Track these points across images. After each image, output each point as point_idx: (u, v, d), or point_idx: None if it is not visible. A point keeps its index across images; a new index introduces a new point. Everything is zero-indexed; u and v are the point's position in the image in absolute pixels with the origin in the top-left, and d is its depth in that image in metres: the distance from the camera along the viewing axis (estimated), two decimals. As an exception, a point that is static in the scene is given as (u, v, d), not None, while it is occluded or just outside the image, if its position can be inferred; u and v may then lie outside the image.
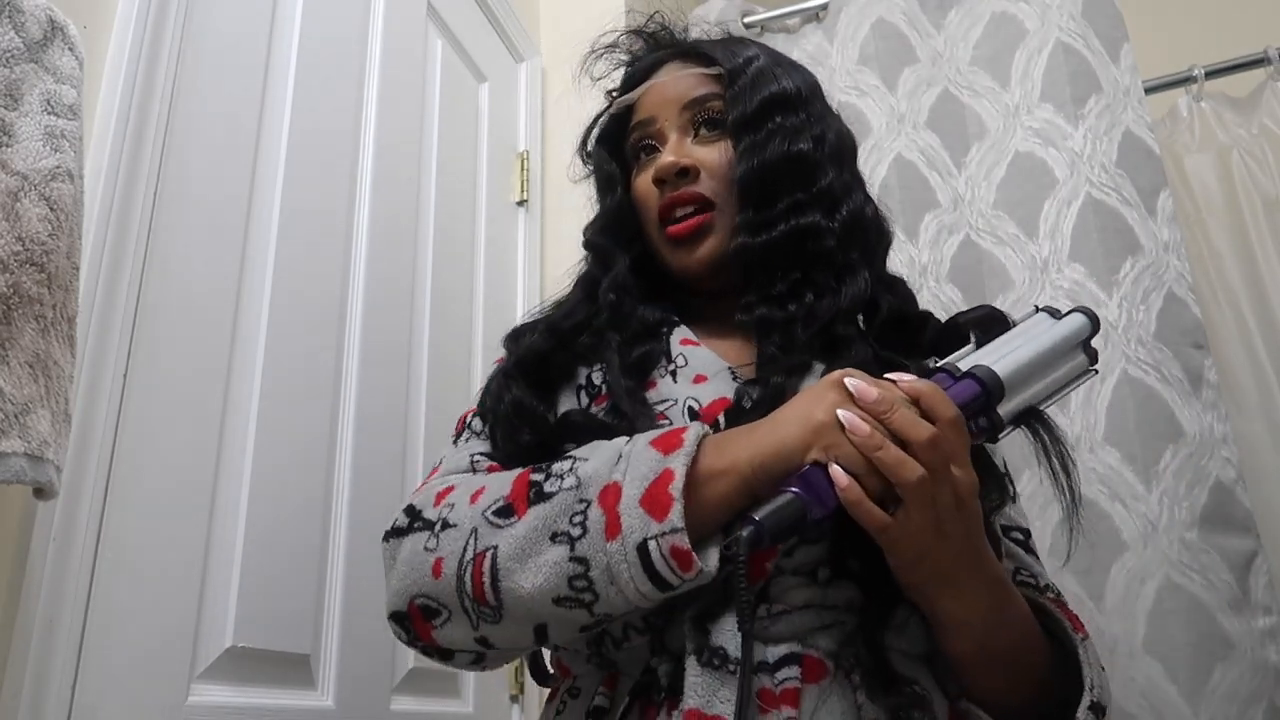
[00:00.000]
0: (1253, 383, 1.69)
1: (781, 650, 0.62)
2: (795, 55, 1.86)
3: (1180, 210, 1.77)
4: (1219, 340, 1.70)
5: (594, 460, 0.61)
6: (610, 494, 0.57)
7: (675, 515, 0.55)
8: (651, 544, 0.55)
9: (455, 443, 0.78)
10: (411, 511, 0.68)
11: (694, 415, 0.69)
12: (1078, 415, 1.42)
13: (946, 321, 0.76)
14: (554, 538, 0.58)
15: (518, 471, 0.65)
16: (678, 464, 0.57)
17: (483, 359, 1.45)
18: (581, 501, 0.58)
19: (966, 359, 0.65)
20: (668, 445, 0.59)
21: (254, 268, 1.03)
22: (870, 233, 0.81)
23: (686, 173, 0.79)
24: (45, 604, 0.74)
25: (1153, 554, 1.33)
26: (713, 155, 0.80)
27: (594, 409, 0.74)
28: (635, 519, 0.56)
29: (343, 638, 1.05)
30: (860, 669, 0.62)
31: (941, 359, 0.78)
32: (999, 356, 0.64)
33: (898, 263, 1.59)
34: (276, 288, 1.05)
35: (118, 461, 0.83)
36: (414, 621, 0.64)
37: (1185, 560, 1.32)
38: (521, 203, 1.70)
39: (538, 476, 0.62)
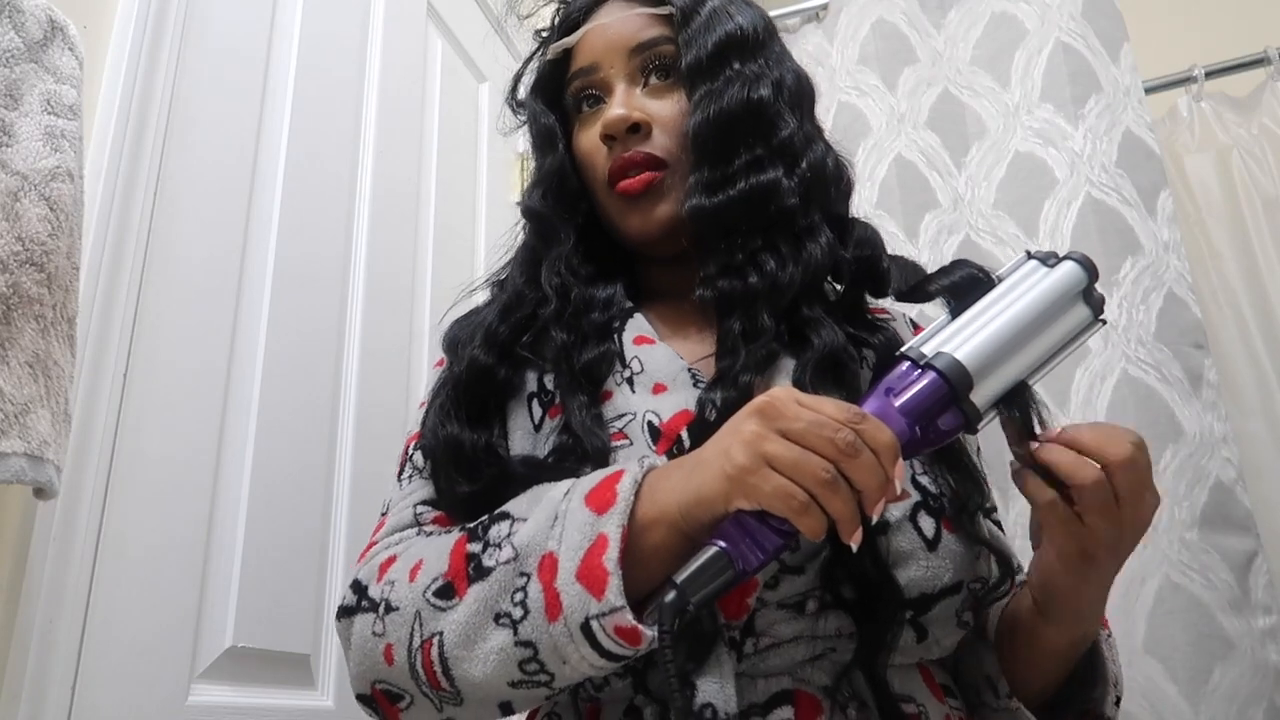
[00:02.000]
0: (1253, 383, 1.69)
1: (772, 687, 0.58)
2: (795, 55, 1.86)
3: (1180, 210, 1.77)
4: (1219, 340, 1.70)
5: (531, 522, 0.56)
6: (548, 567, 0.53)
7: (612, 593, 0.50)
8: (594, 623, 0.51)
9: (399, 479, 0.72)
10: (358, 588, 0.63)
11: (654, 431, 0.64)
12: (1078, 415, 1.42)
13: (918, 281, 0.68)
14: (497, 619, 0.54)
15: (455, 538, 0.60)
16: (611, 528, 0.52)
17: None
18: (521, 575, 0.54)
19: (935, 337, 0.57)
20: (601, 502, 0.53)
21: (254, 268, 1.03)
22: (830, 186, 0.74)
23: (638, 128, 0.72)
24: (45, 604, 0.74)
25: (1153, 554, 1.33)
26: (665, 108, 0.73)
27: (549, 421, 0.68)
28: (574, 597, 0.51)
29: (343, 638, 1.05)
30: (855, 703, 0.59)
31: (914, 301, 0.70)
32: (974, 330, 0.57)
33: (898, 263, 1.59)
34: (276, 288, 1.05)
35: (118, 461, 0.83)
36: (380, 704, 0.61)
37: (1185, 560, 1.32)
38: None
39: (474, 547, 0.58)
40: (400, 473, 0.73)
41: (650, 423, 0.65)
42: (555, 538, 0.54)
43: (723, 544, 0.51)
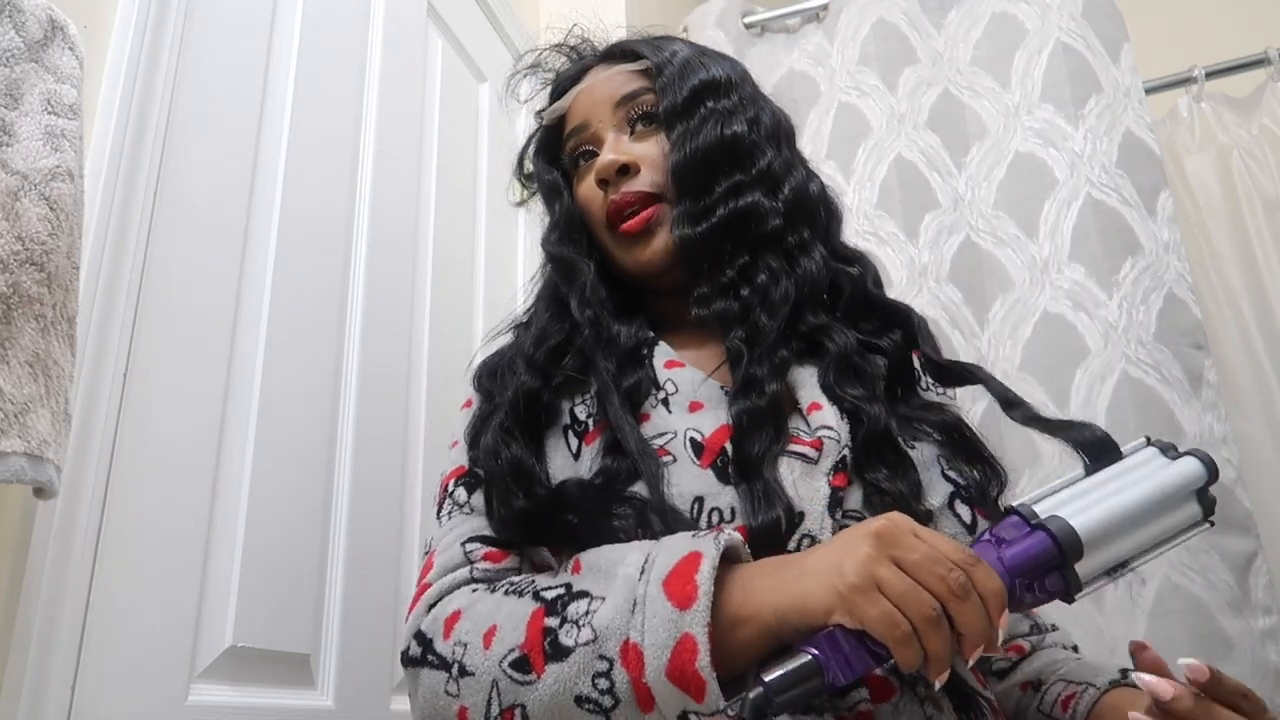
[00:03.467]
0: (1253, 383, 1.69)
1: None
2: (795, 55, 1.86)
3: (1180, 210, 1.77)
4: (1219, 340, 1.70)
5: (610, 604, 0.56)
6: (632, 659, 0.53)
7: (712, 698, 0.51)
8: (692, 716, 0.53)
9: (439, 517, 0.74)
10: (422, 640, 0.65)
11: (697, 447, 0.67)
12: (1077, 415, 1.42)
13: (1034, 415, 0.69)
14: (579, 701, 0.55)
15: (531, 608, 0.60)
16: (698, 629, 0.52)
17: (482, 359, 1.45)
18: (602, 659, 0.55)
19: (1049, 498, 0.59)
20: (682, 596, 0.54)
21: (254, 268, 1.03)
22: (818, 209, 0.79)
23: (627, 170, 0.78)
24: (45, 604, 0.74)
25: (1153, 554, 1.33)
26: (651, 149, 0.79)
27: (585, 449, 0.71)
28: (669, 695, 0.53)
29: (343, 638, 1.05)
30: (922, 682, 0.60)
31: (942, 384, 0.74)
32: (1091, 503, 0.58)
33: (898, 263, 1.59)
34: (276, 288, 1.05)
35: (118, 461, 0.83)
36: None
37: (1185, 561, 1.32)
38: (521, 203, 1.69)
39: (552, 621, 0.58)
40: (439, 510, 0.74)
41: (693, 439, 0.67)
42: (637, 628, 0.54)
43: (816, 653, 0.52)
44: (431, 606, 0.67)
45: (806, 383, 0.71)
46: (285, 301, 1.06)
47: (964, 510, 0.66)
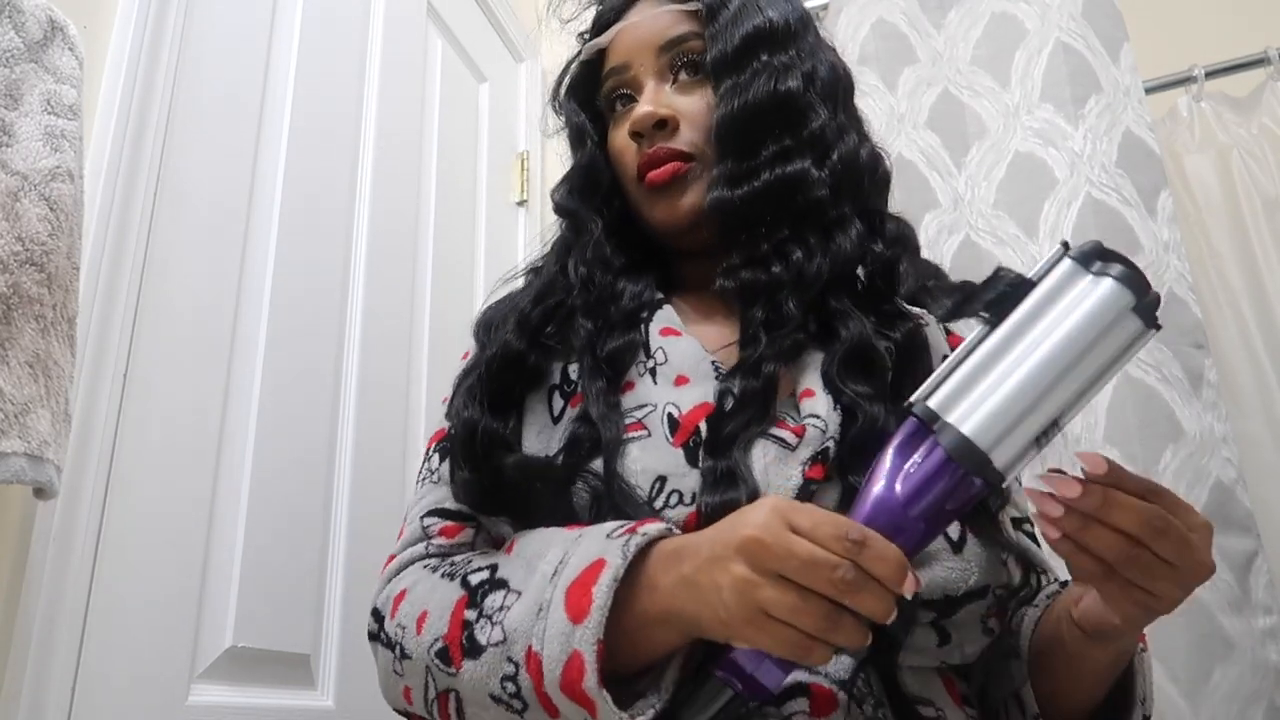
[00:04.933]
0: (1253, 383, 1.68)
1: (787, 680, 0.56)
2: (795, 55, 1.86)
3: (1180, 210, 1.77)
4: (1219, 340, 1.70)
5: (520, 605, 0.55)
6: (534, 667, 0.53)
7: (605, 713, 0.50)
8: None
9: (417, 481, 0.73)
10: (377, 617, 0.65)
11: (673, 423, 0.63)
12: (1076, 416, 1.42)
13: (958, 301, 0.61)
14: (494, 699, 0.55)
15: (456, 596, 0.60)
16: (585, 647, 0.50)
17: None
18: (509, 663, 0.54)
19: (948, 381, 0.51)
20: (578, 608, 0.52)
21: (254, 268, 1.03)
22: (864, 178, 0.73)
23: (664, 124, 0.72)
24: (45, 604, 0.74)
25: (1153, 554, 1.33)
26: (694, 104, 0.73)
27: (569, 411, 0.68)
28: (568, 707, 0.52)
29: (343, 638, 1.05)
30: (872, 699, 0.58)
31: (958, 318, 0.65)
32: (992, 385, 0.50)
33: (898, 263, 1.59)
34: (276, 288, 1.05)
35: (118, 461, 0.83)
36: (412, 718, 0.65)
37: (1185, 560, 1.32)
38: (521, 203, 1.70)
39: (470, 614, 0.58)
40: (419, 474, 0.73)
41: (670, 415, 0.64)
42: (538, 635, 0.53)
43: (723, 675, 0.51)
44: (390, 580, 0.66)
45: (809, 368, 0.66)
46: (285, 302, 1.06)
47: (952, 526, 0.61)
